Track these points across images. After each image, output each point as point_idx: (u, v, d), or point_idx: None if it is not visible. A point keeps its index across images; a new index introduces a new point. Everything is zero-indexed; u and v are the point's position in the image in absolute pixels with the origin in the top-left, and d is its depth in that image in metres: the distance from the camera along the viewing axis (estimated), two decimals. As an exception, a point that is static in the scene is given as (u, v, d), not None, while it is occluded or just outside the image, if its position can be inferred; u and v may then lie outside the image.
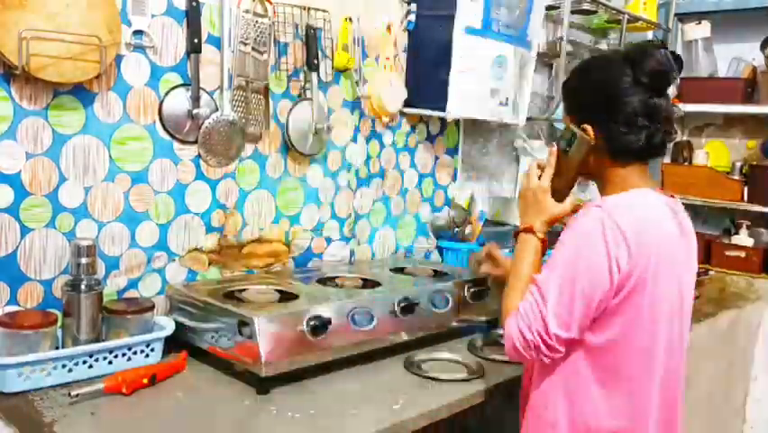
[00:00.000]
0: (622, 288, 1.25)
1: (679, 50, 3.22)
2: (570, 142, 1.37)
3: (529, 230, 1.40)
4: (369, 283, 1.84)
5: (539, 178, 1.42)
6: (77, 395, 1.34)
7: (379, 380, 1.59)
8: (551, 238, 1.41)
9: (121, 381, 1.41)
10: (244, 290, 1.68)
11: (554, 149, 1.41)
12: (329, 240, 2.12)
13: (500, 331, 1.61)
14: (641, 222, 1.28)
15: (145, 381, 1.45)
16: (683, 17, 3.14)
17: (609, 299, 1.26)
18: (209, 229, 1.82)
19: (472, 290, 1.90)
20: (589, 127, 1.35)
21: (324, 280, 1.85)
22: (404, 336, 1.73)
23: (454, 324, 1.87)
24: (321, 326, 1.52)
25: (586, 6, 2.67)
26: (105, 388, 1.39)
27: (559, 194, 1.42)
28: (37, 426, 1.26)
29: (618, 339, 1.28)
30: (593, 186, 2.72)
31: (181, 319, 1.65)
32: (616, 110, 1.31)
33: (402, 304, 1.71)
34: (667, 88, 1.35)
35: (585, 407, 1.31)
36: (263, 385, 1.46)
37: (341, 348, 1.58)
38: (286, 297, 1.66)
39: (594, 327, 1.28)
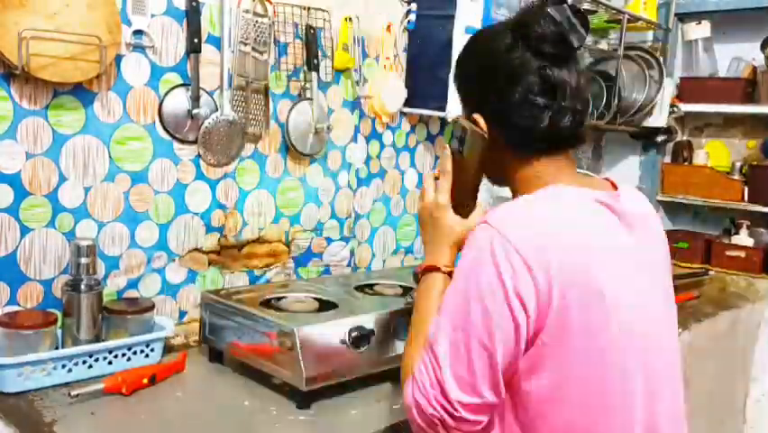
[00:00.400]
0: (543, 325, 0.95)
1: (679, 51, 3.22)
2: (462, 141, 1.10)
3: (431, 269, 1.12)
4: (409, 291, 1.78)
5: (434, 191, 1.15)
6: (77, 395, 1.34)
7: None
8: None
9: (121, 381, 1.41)
10: (282, 297, 1.64)
11: (447, 152, 1.14)
12: (329, 240, 2.12)
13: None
14: (547, 233, 0.97)
15: (145, 381, 1.45)
16: (683, 17, 3.13)
17: (525, 342, 0.96)
18: (209, 229, 1.82)
19: None
20: (479, 117, 1.09)
21: (361, 288, 1.81)
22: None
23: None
24: (363, 337, 1.46)
25: (586, 6, 2.67)
26: (104, 388, 1.39)
27: (462, 208, 1.14)
28: (37, 426, 1.26)
29: (563, 386, 0.97)
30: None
31: (216, 328, 1.60)
32: (505, 90, 1.05)
33: None
34: (570, 55, 1.06)
35: None
36: (304, 399, 1.40)
37: (384, 360, 1.51)
38: (324, 306, 1.61)
39: (525, 373, 0.98)
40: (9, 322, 1.42)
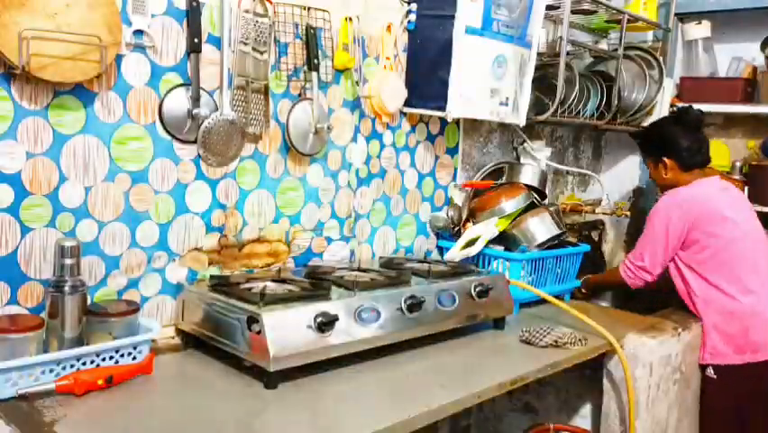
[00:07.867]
0: (694, 236, 2.29)
1: (679, 51, 3.22)
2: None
3: None
4: (377, 282, 1.84)
5: None
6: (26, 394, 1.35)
7: (383, 376, 1.61)
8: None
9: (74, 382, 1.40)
10: (253, 287, 1.68)
11: None
12: (329, 240, 2.12)
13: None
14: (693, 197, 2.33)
15: (100, 382, 1.44)
16: (683, 17, 3.13)
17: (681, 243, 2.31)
18: (209, 229, 1.82)
19: (479, 288, 1.92)
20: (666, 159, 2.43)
21: (331, 279, 1.84)
22: (410, 334, 1.75)
23: (462, 322, 1.90)
24: (328, 322, 1.54)
25: (586, 6, 2.66)
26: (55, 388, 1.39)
27: None
28: (37, 426, 1.26)
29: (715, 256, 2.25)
30: (595, 185, 2.76)
31: (192, 317, 1.67)
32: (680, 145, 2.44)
33: (408, 302, 1.73)
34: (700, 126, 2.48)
35: None
36: (271, 380, 1.49)
37: (347, 345, 1.60)
38: (294, 294, 1.65)
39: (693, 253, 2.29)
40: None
